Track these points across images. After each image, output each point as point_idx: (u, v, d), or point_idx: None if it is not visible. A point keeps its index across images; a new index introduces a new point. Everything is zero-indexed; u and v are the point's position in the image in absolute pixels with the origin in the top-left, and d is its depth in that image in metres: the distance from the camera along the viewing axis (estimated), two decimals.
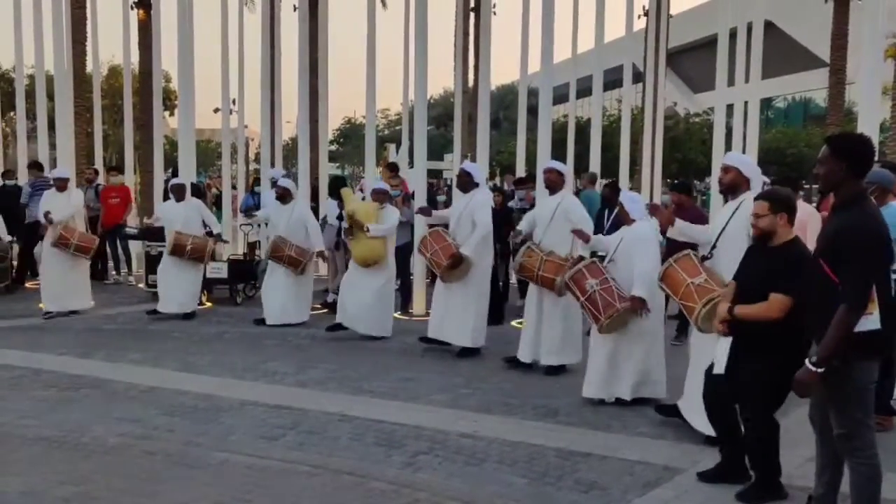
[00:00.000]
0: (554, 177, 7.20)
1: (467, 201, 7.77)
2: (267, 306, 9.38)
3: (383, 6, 26.40)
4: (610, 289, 5.93)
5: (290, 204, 9.54)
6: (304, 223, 9.47)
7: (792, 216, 4.17)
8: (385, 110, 54.74)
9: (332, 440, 5.21)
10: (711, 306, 4.69)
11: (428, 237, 7.83)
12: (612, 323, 5.89)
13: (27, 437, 5.17)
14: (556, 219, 7.02)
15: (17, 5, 15.07)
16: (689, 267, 5.04)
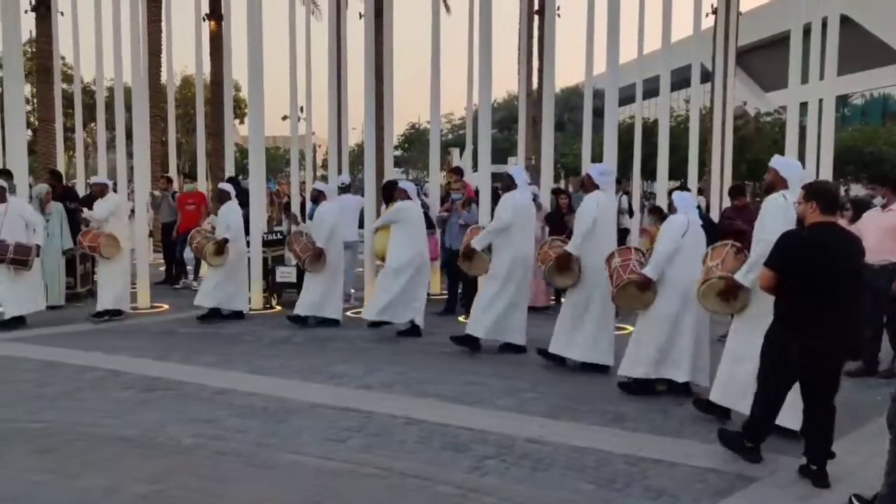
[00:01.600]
0: (584, 180, 7.74)
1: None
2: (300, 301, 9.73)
3: (447, 11, 26.50)
4: (627, 266, 6.57)
5: (322, 205, 9.85)
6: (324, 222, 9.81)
7: (823, 205, 4.62)
8: (449, 115, 55.04)
9: (398, 443, 5.25)
10: (706, 286, 5.61)
11: (469, 234, 8.44)
12: (620, 294, 6.53)
13: (108, 437, 5.36)
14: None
15: (99, 22, 15.69)
16: (717, 254, 5.77)
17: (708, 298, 5.64)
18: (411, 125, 58.94)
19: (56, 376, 7.12)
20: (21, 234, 9.37)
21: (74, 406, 6.12)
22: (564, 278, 7.46)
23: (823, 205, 4.63)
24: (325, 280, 9.61)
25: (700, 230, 6.57)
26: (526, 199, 8.19)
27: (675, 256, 6.36)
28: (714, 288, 5.57)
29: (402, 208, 9.01)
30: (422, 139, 50.40)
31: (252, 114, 11.33)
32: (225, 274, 9.93)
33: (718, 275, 5.56)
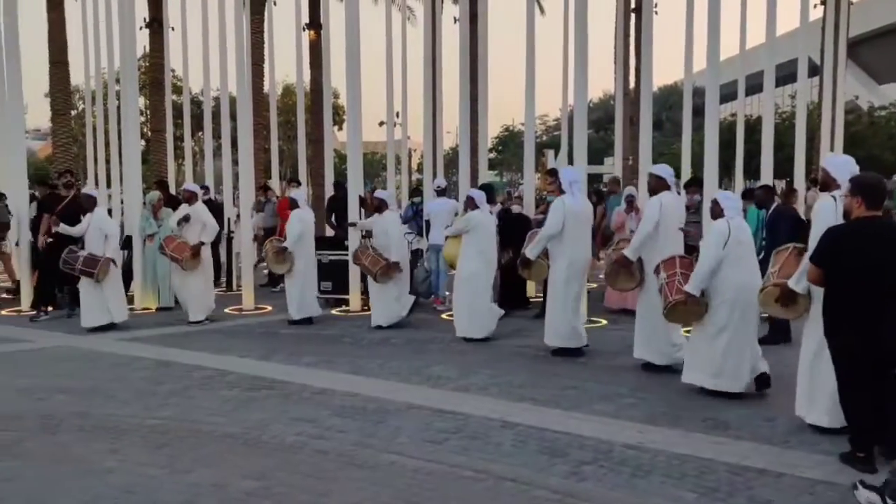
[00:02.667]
0: (651, 181, 7.58)
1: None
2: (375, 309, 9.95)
3: (541, 13, 26.38)
4: (673, 283, 6.52)
5: (382, 215, 10.01)
6: (385, 231, 9.93)
7: (868, 199, 4.69)
8: (543, 116, 54.76)
9: (494, 446, 5.26)
10: (764, 295, 5.65)
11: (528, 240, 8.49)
12: (671, 313, 6.50)
13: (215, 434, 5.59)
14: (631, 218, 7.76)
15: (206, 35, 16.40)
16: (778, 259, 5.76)
17: (768, 305, 5.69)
18: (505, 127, 58.96)
19: (168, 375, 7.48)
20: (99, 245, 9.79)
21: (185, 403, 6.41)
22: (626, 282, 7.41)
23: (868, 199, 4.70)
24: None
25: (745, 231, 6.48)
26: (578, 202, 8.11)
27: (721, 266, 6.28)
28: (771, 295, 5.60)
29: (472, 218, 9.06)
30: (516, 141, 50.32)
31: (350, 120, 11.59)
32: (299, 282, 10.22)
33: (773, 282, 5.59)
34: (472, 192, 9.52)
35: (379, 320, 9.85)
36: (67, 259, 9.61)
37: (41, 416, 6.04)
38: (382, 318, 9.85)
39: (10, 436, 5.55)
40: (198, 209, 10.55)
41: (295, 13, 17.57)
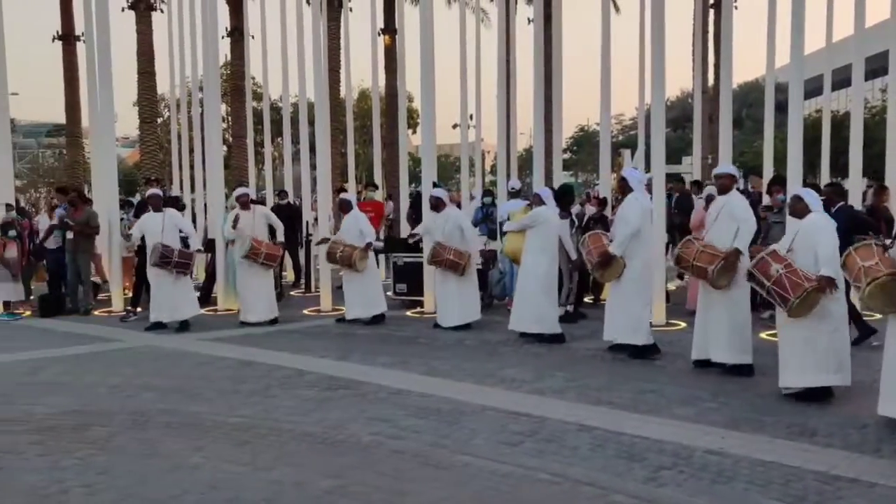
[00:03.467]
0: (727, 181, 7.57)
1: (623, 204, 8.24)
2: (442, 311, 10.02)
3: (616, 11, 26.02)
4: (795, 271, 6.12)
5: (444, 212, 10.07)
6: (460, 227, 9.98)
7: None
8: (619, 115, 53.91)
9: (570, 450, 5.20)
10: (874, 285, 5.35)
11: (587, 240, 8.33)
12: (802, 304, 6.03)
13: (295, 432, 5.71)
14: (720, 217, 7.33)
15: (284, 43, 16.79)
16: (865, 253, 5.58)
17: (875, 298, 5.45)
18: (580, 127, 58.35)
19: (249, 374, 7.68)
20: (176, 243, 10.19)
21: (266, 402, 6.57)
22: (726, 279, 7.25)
23: None
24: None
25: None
26: (647, 201, 8.29)
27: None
28: (886, 287, 5.38)
29: (539, 214, 9.06)
30: (591, 141, 49.75)
31: (424, 123, 11.67)
32: (365, 280, 10.42)
33: (888, 271, 5.37)
34: (539, 190, 9.53)
35: (357, 313, 10.34)
36: (165, 253, 10.00)
37: (131, 413, 6.29)
38: (360, 311, 10.35)
39: (103, 431, 5.80)
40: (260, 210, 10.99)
41: (370, 18, 17.83)
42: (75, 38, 26.49)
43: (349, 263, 10.39)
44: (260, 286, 10.65)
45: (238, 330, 10.26)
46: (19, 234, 11.78)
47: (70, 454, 5.26)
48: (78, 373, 7.89)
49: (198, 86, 17.78)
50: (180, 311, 10.22)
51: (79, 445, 5.46)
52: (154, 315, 10.22)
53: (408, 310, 11.43)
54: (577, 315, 10.31)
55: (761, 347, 7.69)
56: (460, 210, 11.67)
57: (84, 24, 14.24)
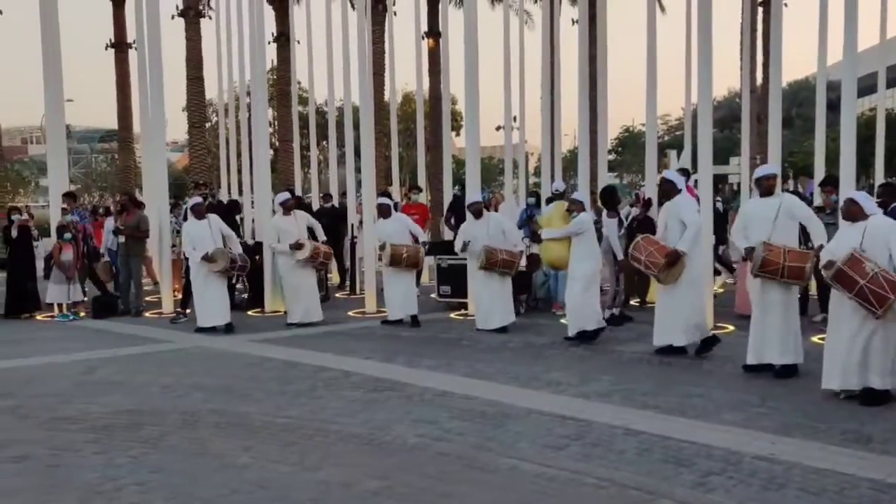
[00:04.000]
0: (773, 182, 7.52)
1: (671, 206, 8.12)
2: (484, 314, 10.01)
3: (662, 11, 25.74)
4: (885, 270, 5.95)
5: (484, 217, 10.15)
6: (502, 229, 10.07)
7: None
8: (665, 116, 53.27)
9: (617, 454, 5.16)
10: None
11: (640, 242, 8.09)
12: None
13: (341, 433, 5.76)
14: (780, 218, 7.16)
15: (330, 47, 16.96)
16: None
17: None
18: (625, 128, 57.80)
19: (296, 375, 7.77)
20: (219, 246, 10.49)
21: (312, 403, 6.64)
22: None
23: None
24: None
25: None
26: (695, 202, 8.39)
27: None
28: None
29: (583, 221, 9.01)
30: (636, 142, 49.25)
31: (468, 125, 11.69)
32: (406, 281, 10.57)
33: None
34: (578, 195, 9.45)
35: (399, 314, 10.53)
36: (233, 258, 10.42)
37: (181, 413, 6.42)
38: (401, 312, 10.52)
39: (155, 430, 5.93)
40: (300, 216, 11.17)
41: (414, 22, 17.92)
42: (127, 45, 27.18)
43: (414, 263, 10.53)
44: (306, 288, 10.79)
45: (285, 331, 10.39)
46: (74, 236, 12.11)
47: (124, 452, 5.39)
48: (131, 373, 8.09)
49: (245, 91, 18.08)
50: (226, 313, 10.49)
51: (132, 444, 5.59)
52: (203, 320, 10.42)
53: (452, 312, 11.45)
54: (624, 318, 10.22)
55: (812, 351, 7.53)
56: (497, 213, 11.75)
57: (136, 33, 14.60)
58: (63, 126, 13.32)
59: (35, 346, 9.83)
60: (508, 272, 9.94)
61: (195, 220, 10.56)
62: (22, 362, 8.77)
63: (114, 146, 47.89)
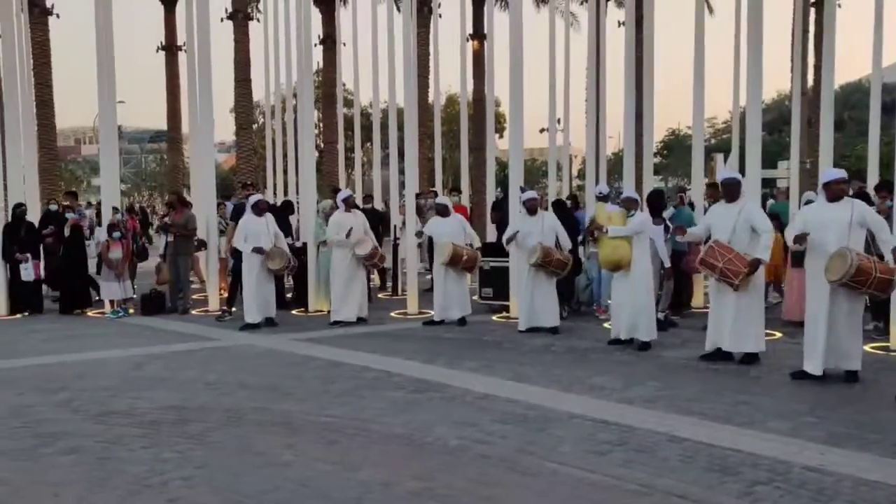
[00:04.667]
0: (844, 187, 7.30)
1: (738, 209, 7.81)
2: (523, 312, 10.02)
3: (710, 12, 25.39)
4: None
5: (538, 215, 10.04)
6: (555, 230, 9.97)
7: None
8: (711, 119, 52.44)
9: (660, 461, 5.09)
10: None
11: (715, 247, 7.77)
12: None
13: (383, 433, 5.79)
14: (853, 225, 6.97)
15: (375, 50, 17.04)
16: None
17: None
18: (671, 131, 57.04)
19: (339, 374, 7.84)
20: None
21: (355, 403, 6.69)
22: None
23: None
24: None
25: None
26: None
27: None
28: None
29: (645, 220, 8.95)
30: (682, 145, 48.59)
31: (512, 127, 11.66)
32: (461, 283, 10.69)
33: None
34: (633, 194, 9.35)
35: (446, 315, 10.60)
36: (290, 259, 10.89)
37: (226, 410, 6.52)
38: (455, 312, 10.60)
39: (201, 427, 6.03)
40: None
41: (459, 24, 17.95)
42: (177, 48, 27.73)
43: (471, 267, 10.58)
44: (357, 286, 10.95)
45: (328, 331, 10.48)
46: (124, 234, 12.39)
47: (170, 447, 5.50)
48: (177, 369, 8.24)
49: (291, 92, 18.31)
50: (271, 308, 10.81)
51: (178, 439, 5.70)
52: (250, 317, 10.63)
53: (493, 314, 11.43)
54: (669, 323, 10.09)
55: (864, 360, 7.34)
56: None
57: (185, 36, 14.87)
58: (115, 127, 13.62)
59: (86, 341, 10.07)
60: (559, 273, 9.92)
61: (254, 216, 10.80)
62: (74, 357, 8.99)
63: (163, 146, 48.94)
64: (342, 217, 10.95)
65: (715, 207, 8.38)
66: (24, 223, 12.42)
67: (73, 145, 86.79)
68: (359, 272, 11.04)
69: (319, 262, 11.99)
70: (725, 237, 7.80)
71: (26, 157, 13.68)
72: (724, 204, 8.02)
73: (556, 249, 9.89)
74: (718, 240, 7.83)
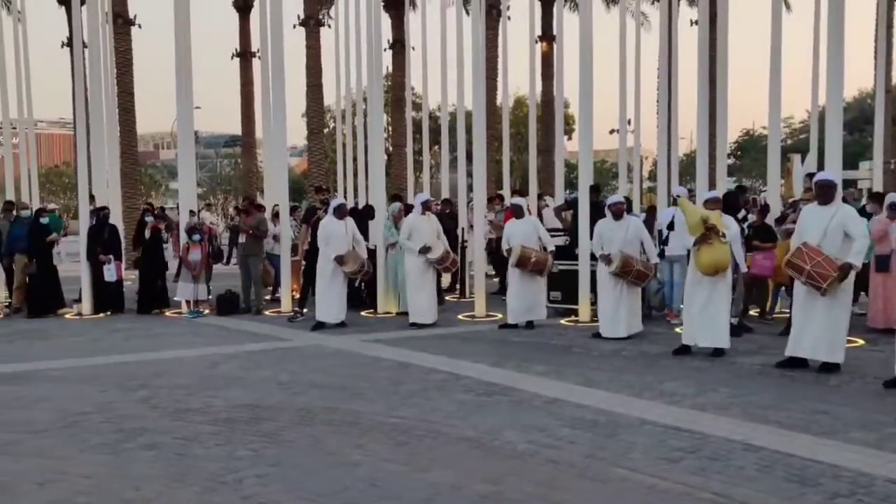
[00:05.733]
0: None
1: (832, 213, 7.53)
2: (604, 320, 9.83)
3: (787, 9, 24.65)
4: None
5: (624, 220, 9.80)
6: (640, 237, 9.74)
7: None
8: (788, 119, 50.90)
9: (735, 469, 4.96)
10: None
11: (803, 249, 7.48)
12: None
13: (452, 436, 5.80)
14: None
15: (444, 53, 17.14)
16: None
17: None
18: (745, 131, 55.63)
19: (407, 376, 7.90)
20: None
21: (423, 405, 6.73)
22: None
23: None
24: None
25: None
26: None
27: None
28: None
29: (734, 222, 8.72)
30: (756, 146, 47.31)
31: (581, 129, 11.55)
32: (535, 286, 10.66)
33: None
34: (717, 194, 9.16)
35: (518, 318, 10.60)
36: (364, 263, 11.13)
37: (298, 409, 6.64)
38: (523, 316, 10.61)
39: (274, 425, 6.16)
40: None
41: (528, 26, 17.89)
42: (251, 54, 28.39)
43: (540, 270, 10.54)
44: (428, 289, 11.07)
45: (396, 332, 10.58)
46: (203, 238, 12.77)
47: (244, 445, 5.63)
48: (251, 368, 8.44)
49: (361, 97, 18.55)
50: (341, 310, 10.98)
51: (252, 437, 5.83)
52: (321, 315, 10.88)
53: (562, 318, 11.34)
54: (742, 328, 9.83)
55: None
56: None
57: (259, 42, 15.24)
58: (192, 132, 14.03)
59: (164, 340, 10.41)
60: (639, 283, 9.76)
61: (335, 219, 11.03)
62: (153, 356, 9.31)
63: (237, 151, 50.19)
64: (416, 220, 11.04)
65: (807, 209, 7.99)
66: (108, 226, 12.91)
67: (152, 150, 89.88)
68: (431, 276, 11.10)
69: (388, 264, 12.11)
70: (816, 240, 7.51)
71: (109, 162, 14.23)
72: (817, 206, 7.69)
73: (638, 259, 9.66)
74: (808, 242, 7.55)
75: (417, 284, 10.99)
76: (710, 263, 8.29)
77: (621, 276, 9.59)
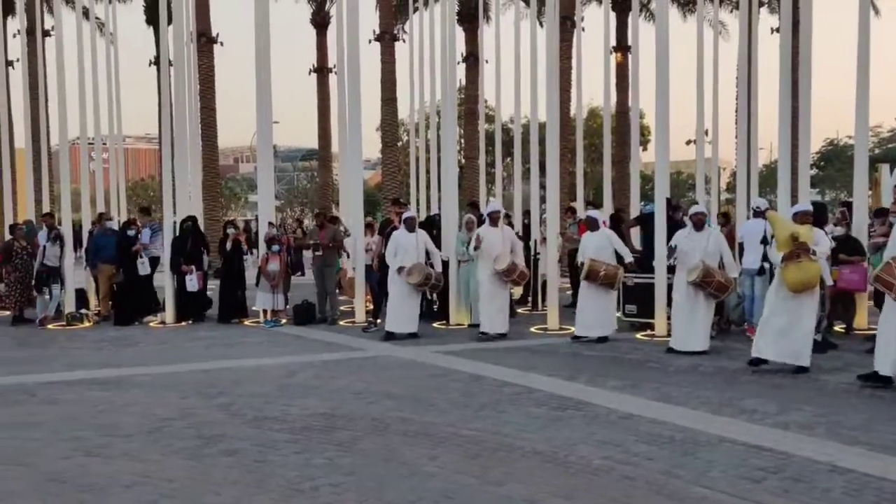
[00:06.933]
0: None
1: None
2: (677, 332, 9.62)
3: (876, 13, 23.75)
4: None
5: (705, 231, 9.56)
6: (720, 251, 9.46)
7: None
8: (875, 128, 48.90)
9: (821, 492, 4.78)
10: None
11: (893, 263, 7.23)
12: None
13: (525, 450, 5.76)
14: None
15: (518, 65, 17.15)
16: None
17: None
18: (829, 141, 53.73)
19: (480, 388, 7.89)
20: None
21: (496, 417, 6.71)
22: None
23: None
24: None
25: None
26: None
27: None
28: None
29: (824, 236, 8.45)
30: (841, 156, 45.66)
31: (658, 140, 11.36)
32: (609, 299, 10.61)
33: None
34: (808, 206, 8.89)
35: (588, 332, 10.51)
36: (428, 273, 11.17)
37: (372, 419, 6.71)
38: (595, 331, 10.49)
39: (349, 434, 6.24)
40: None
41: (603, 37, 17.75)
42: (328, 70, 29.00)
43: (610, 284, 10.43)
44: (500, 300, 11.06)
45: (468, 344, 10.59)
46: (281, 248, 13.10)
47: (320, 454, 5.72)
48: (327, 378, 8.57)
49: (435, 110, 18.70)
50: (413, 322, 11.08)
51: (327, 446, 5.92)
52: (390, 325, 11.01)
53: (637, 332, 11.15)
54: (827, 345, 9.46)
55: None
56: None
57: (336, 58, 15.55)
58: (271, 146, 14.39)
59: (243, 349, 10.68)
60: (718, 296, 9.51)
61: (406, 232, 11.19)
62: (232, 363, 9.56)
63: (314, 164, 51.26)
64: (485, 231, 11.05)
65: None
66: (191, 237, 13.33)
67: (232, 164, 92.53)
68: (500, 287, 11.07)
69: (460, 275, 12.14)
70: None
71: (192, 175, 14.72)
72: None
73: (719, 271, 9.43)
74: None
75: (489, 295, 10.98)
76: (798, 282, 8.05)
77: (701, 286, 9.35)
